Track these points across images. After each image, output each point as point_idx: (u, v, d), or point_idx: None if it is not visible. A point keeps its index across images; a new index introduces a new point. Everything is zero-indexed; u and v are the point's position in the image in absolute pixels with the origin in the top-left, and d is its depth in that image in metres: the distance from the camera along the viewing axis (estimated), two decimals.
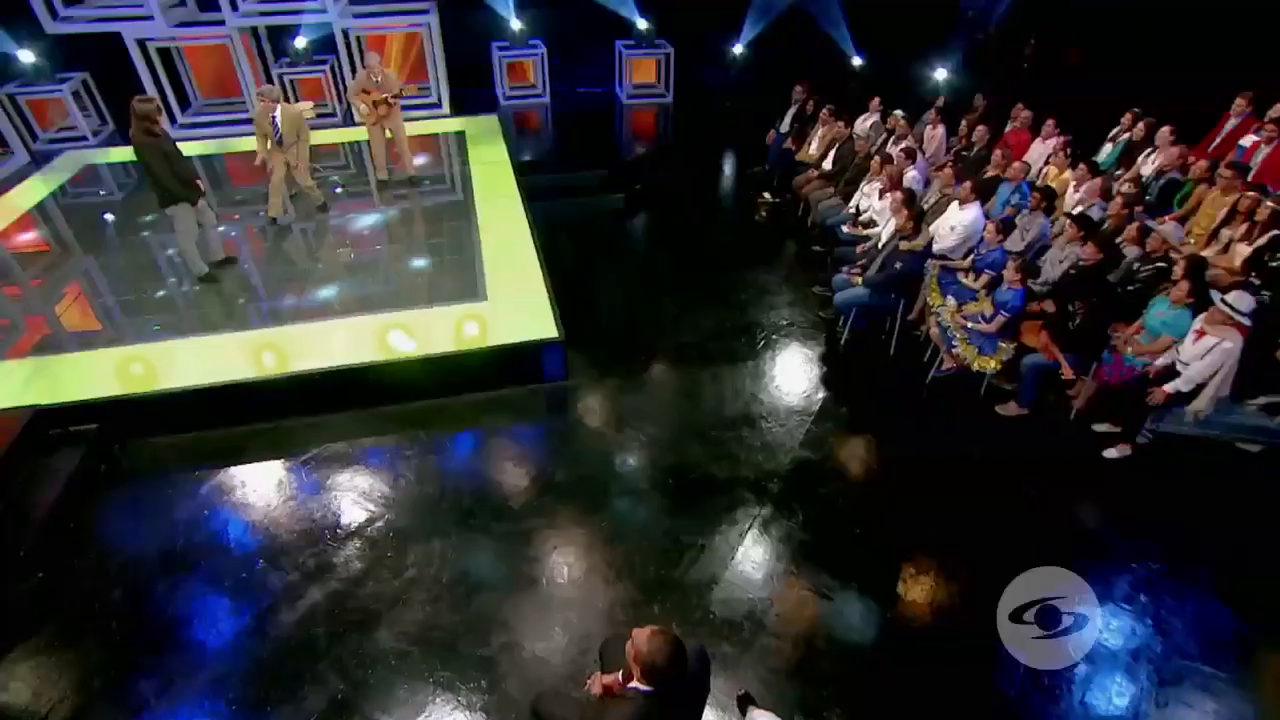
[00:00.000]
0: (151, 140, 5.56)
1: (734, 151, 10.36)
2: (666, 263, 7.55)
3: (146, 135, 5.53)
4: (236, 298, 6.17)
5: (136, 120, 5.50)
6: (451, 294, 6.10)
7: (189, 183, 5.86)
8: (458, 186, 8.29)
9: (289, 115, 6.71)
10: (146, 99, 5.62)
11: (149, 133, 5.54)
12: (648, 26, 10.85)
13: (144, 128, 5.51)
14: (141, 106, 5.51)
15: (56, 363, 5.38)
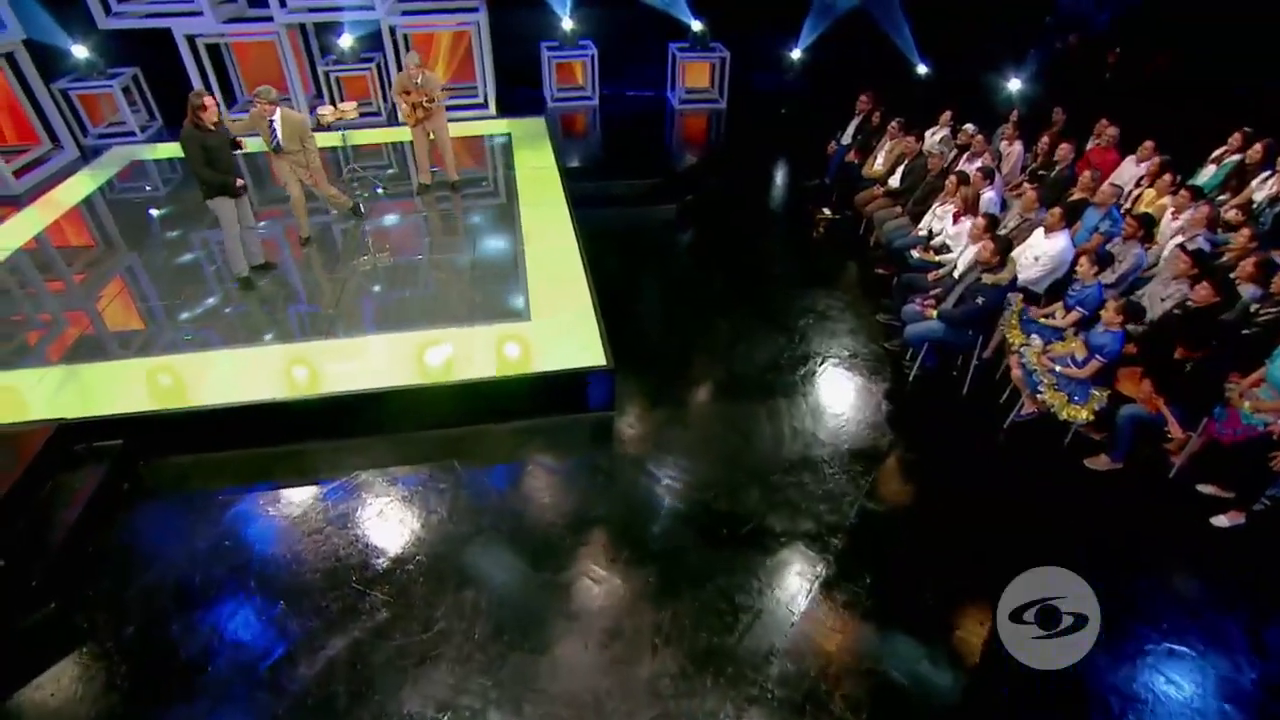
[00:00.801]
0: (194, 132, 5.50)
1: (790, 162, 9.88)
2: (719, 281, 7.11)
3: (193, 126, 5.50)
4: (269, 307, 5.93)
5: (188, 110, 5.49)
6: (493, 311, 5.77)
7: (225, 177, 5.69)
8: (502, 192, 7.98)
9: (290, 121, 6.29)
10: (199, 92, 5.54)
11: (195, 124, 5.49)
12: (702, 29, 10.42)
13: (192, 119, 5.49)
14: (193, 99, 5.48)
15: (86, 371, 5.19)
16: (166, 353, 5.38)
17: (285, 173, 6.51)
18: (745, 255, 7.65)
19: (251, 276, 6.16)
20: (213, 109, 5.50)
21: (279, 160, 6.45)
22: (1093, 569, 3.46)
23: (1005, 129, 7.87)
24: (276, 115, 6.23)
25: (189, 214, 7.55)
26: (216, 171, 5.64)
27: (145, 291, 6.25)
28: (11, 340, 5.62)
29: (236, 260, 6.03)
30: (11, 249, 6.93)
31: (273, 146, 6.34)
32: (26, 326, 5.80)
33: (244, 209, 5.98)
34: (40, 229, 7.36)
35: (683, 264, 7.47)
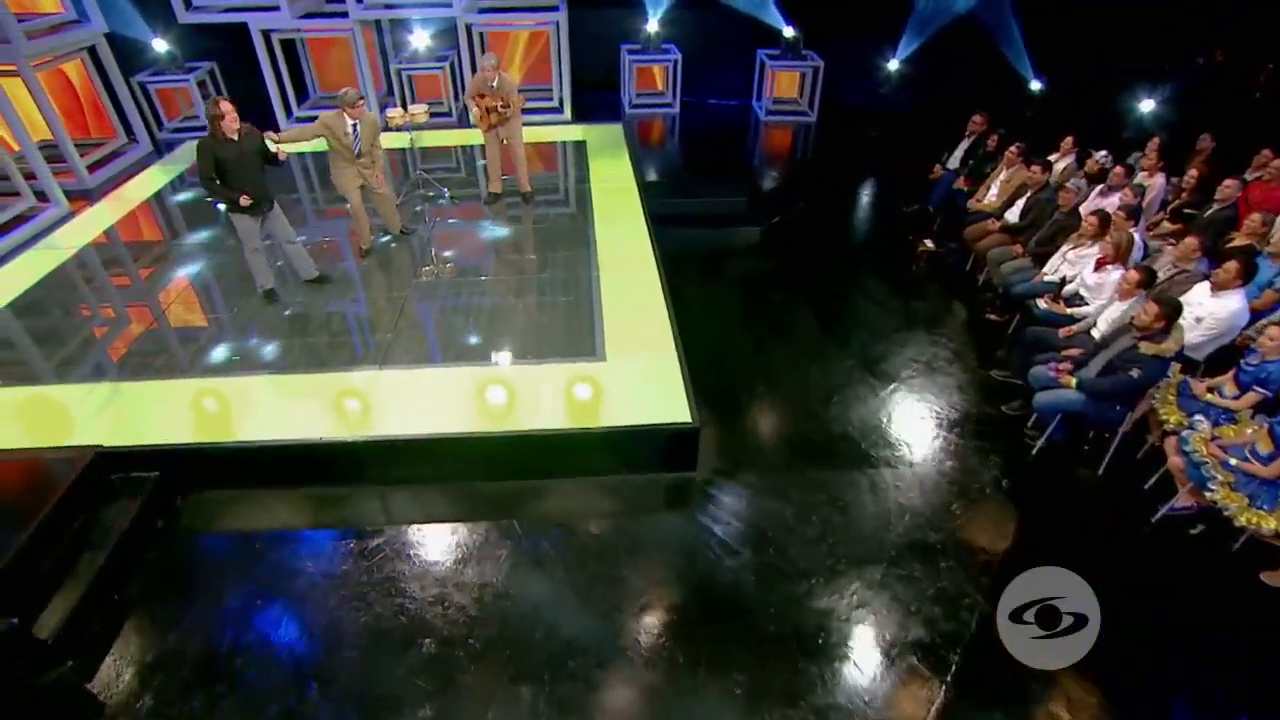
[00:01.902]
0: (208, 142, 5.07)
1: (886, 184, 9.06)
2: (810, 318, 6.41)
3: (209, 136, 5.06)
4: (321, 329, 5.53)
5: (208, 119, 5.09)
6: (563, 347, 5.21)
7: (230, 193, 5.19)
8: (576, 207, 7.44)
9: (369, 124, 5.96)
10: (216, 100, 5.09)
11: (211, 134, 5.05)
12: (795, 36, 9.69)
13: (210, 129, 5.06)
14: (210, 108, 5.04)
15: (130, 390, 4.87)
16: (213, 374, 5.01)
17: (349, 179, 6.10)
18: (838, 288, 6.92)
19: (275, 290, 5.83)
20: (231, 118, 5.02)
21: (347, 166, 6.04)
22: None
23: (1143, 158, 6.92)
24: (358, 119, 5.85)
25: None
26: (225, 186, 5.16)
27: (199, 302, 5.95)
28: (65, 346, 5.38)
29: (259, 273, 5.72)
30: (77, 247, 6.76)
31: (355, 152, 5.96)
32: (80, 334, 5.55)
33: (280, 224, 5.59)
34: (107, 226, 7.19)
35: (770, 297, 6.78)
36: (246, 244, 5.53)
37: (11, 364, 5.28)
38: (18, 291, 6.04)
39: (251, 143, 5.16)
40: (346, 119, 5.83)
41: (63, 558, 3.94)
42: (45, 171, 7.28)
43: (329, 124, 5.82)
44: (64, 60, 8.27)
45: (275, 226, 5.57)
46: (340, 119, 5.82)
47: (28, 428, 4.60)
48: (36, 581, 3.75)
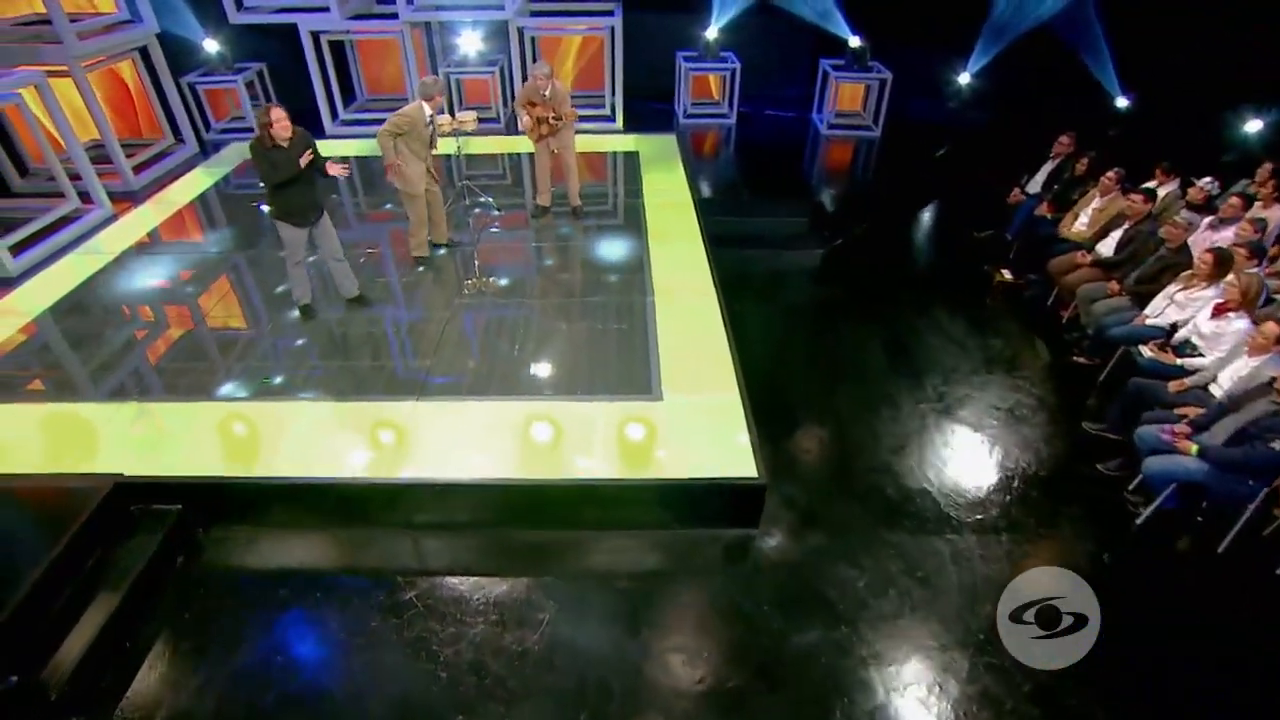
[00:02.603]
0: (258, 146, 4.80)
1: (955, 207, 8.48)
2: (879, 355, 5.90)
3: (257, 141, 4.80)
4: (359, 350, 5.22)
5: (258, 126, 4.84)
6: (615, 382, 4.80)
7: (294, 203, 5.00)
8: (628, 223, 7.03)
9: (439, 119, 5.79)
10: (265, 109, 4.77)
11: (260, 140, 4.78)
12: (861, 46, 9.16)
13: (261, 133, 4.78)
14: (260, 115, 4.77)
15: (158, 411, 4.61)
16: (243, 397, 4.73)
17: (419, 175, 5.84)
18: (907, 321, 6.39)
19: (312, 306, 5.53)
20: (282, 125, 4.71)
21: (419, 162, 5.77)
22: None
23: (1257, 186, 6.24)
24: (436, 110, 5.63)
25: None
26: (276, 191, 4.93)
27: (234, 316, 5.70)
28: (94, 360, 5.16)
29: (298, 286, 5.42)
30: (116, 253, 6.58)
31: (430, 146, 5.76)
32: (111, 347, 5.32)
33: (328, 238, 5.28)
34: (147, 230, 7.02)
35: (834, 328, 6.29)
36: (290, 255, 5.25)
37: (39, 375, 5.09)
38: (55, 298, 5.86)
39: (302, 150, 4.87)
40: (426, 110, 5.56)
41: (74, 598, 3.67)
42: (90, 173, 7.15)
43: (412, 116, 5.56)
44: (115, 60, 8.18)
45: (323, 240, 5.28)
46: (421, 110, 5.56)
47: (47, 448, 4.36)
48: (44, 630, 3.48)
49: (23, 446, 4.35)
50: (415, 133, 5.62)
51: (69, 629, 3.56)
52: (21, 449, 4.33)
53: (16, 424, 4.55)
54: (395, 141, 5.60)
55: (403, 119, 5.56)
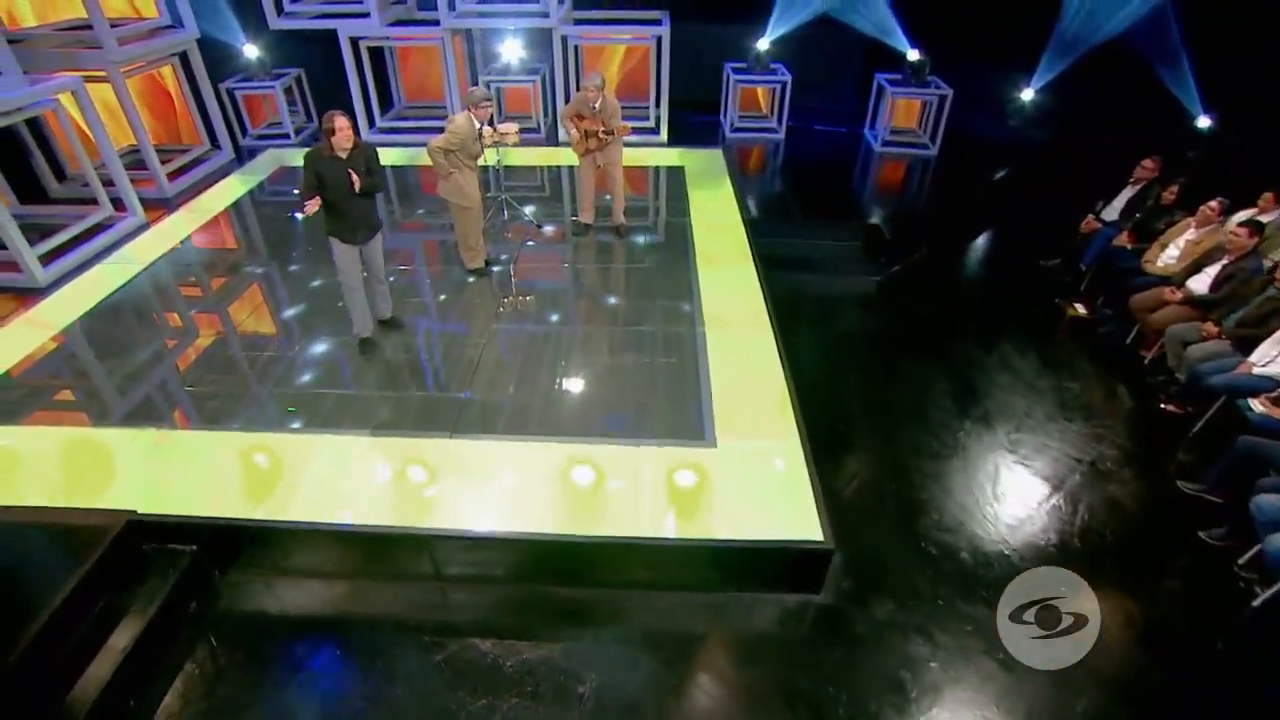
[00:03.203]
0: (314, 152, 4.52)
1: (1020, 232, 7.97)
2: (945, 397, 5.44)
3: (316, 147, 4.54)
4: (386, 379, 4.90)
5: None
6: (664, 425, 4.42)
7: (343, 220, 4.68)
8: (675, 244, 6.66)
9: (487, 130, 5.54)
10: (330, 115, 4.47)
11: (320, 148, 4.51)
12: (921, 60, 8.70)
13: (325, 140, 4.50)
14: (325, 121, 4.46)
15: (177, 440, 4.34)
16: (267, 426, 4.44)
17: (473, 186, 5.59)
18: (973, 358, 5.92)
19: (375, 338, 5.19)
20: (345, 134, 4.43)
21: (472, 175, 5.55)
22: None
23: None
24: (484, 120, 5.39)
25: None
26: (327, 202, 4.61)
27: (262, 336, 5.42)
28: (116, 378, 4.94)
29: (359, 317, 5.04)
30: (145, 263, 6.39)
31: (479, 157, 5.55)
32: (134, 365, 5.08)
33: (377, 257, 4.98)
34: (178, 240, 6.83)
35: (895, 364, 5.85)
36: (345, 278, 4.86)
37: (58, 393, 4.88)
38: (81, 310, 5.67)
39: (360, 163, 4.59)
40: (475, 120, 5.31)
41: (81, 645, 3.40)
42: (124, 180, 6.99)
43: (462, 128, 5.32)
44: (155, 66, 8.05)
45: (370, 259, 4.96)
46: (470, 121, 5.31)
47: (59, 476, 4.11)
48: (49, 679, 3.21)
49: (34, 474, 4.12)
50: (466, 148, 5.40)
51: (75, 679, 3.29)
52: (33, 476, 4.10)
53: (30, 447, 4.32)
54: (448, 156, 5.40)
55: (454, 135, 5.33)
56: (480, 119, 5.37)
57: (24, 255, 5.87)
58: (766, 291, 5.82)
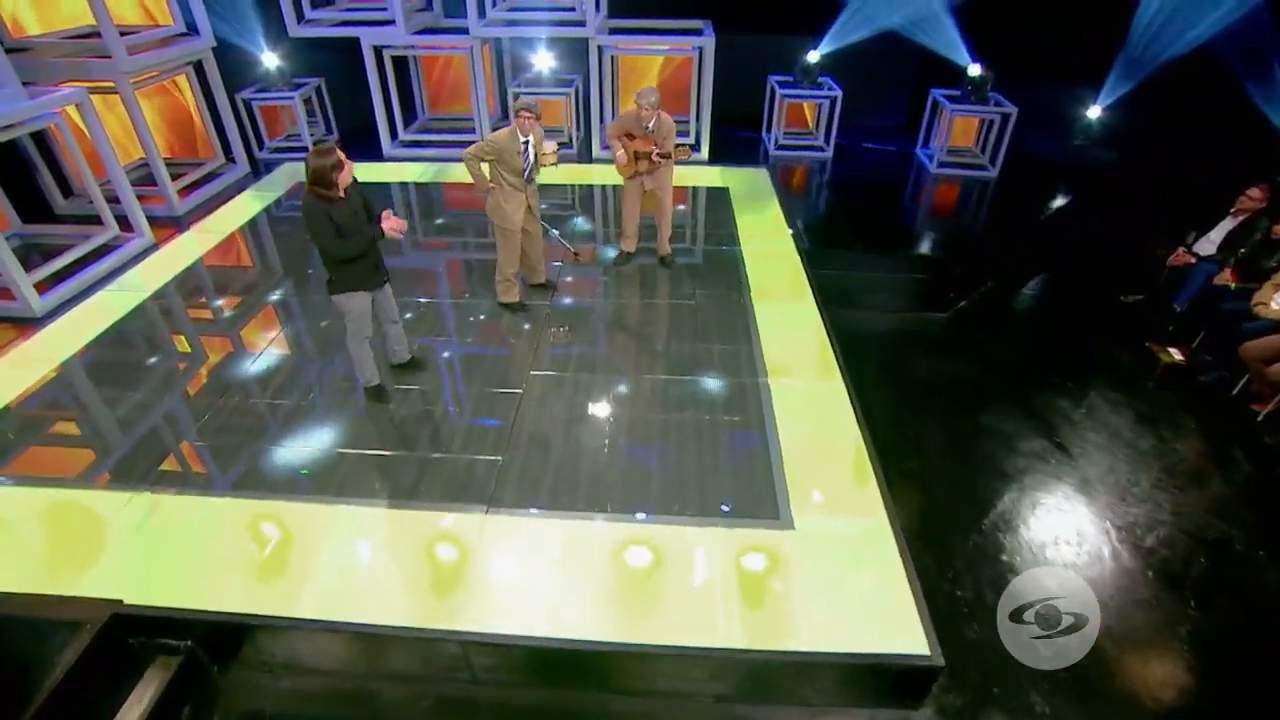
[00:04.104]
0: (317, 203, 3.74)
1: (1094, 264, 7.31)
2: (1036, 456, 4.80)
3: (315, 196, 3.74)
4: (411, 436, 4.34)
5: (309, 175, 3.71)
6: (731, 500, 3.84)
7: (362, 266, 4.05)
8: (726, 277, 6.05)
9: (540, 137, 4.98)
10: (324, 149, 3.72)
11: (319, 193, 3.73)
12: (983, 75, 8.09)
13: (316, 186, 3.72)
14: (317, 160, 3.66)
15: (172, 506, 3.81)
16: (276, 490, 3.90)
17: (516, 210, 5.07)
18: (1060, 410, 5.28)
19: (385, 385, 4.63)
20: (349, 171, 3.81)
21: (516, 195, 5.03)
22: None
23: None
24: (531, 135, 4.84)
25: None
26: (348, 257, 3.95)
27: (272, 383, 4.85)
28: (109, 429, 4.42)
29: (364, 368, 4.46)
30: (151, 290, 5.90)
31: (526, 176, 4.98)
32: (129, 411, 4.56)
33: (388, 299, 4.40)
34: (187, 264, 6.34)
35: (977, 418, 5.20)
36: (355, 330, 4.24)
37: (44, 444, 4.36)
38: (76, 346, 5.16)
39: (359, 200, 4.00)
40: (519, 136, 4.79)
41: None
42: (131, 199, 6.51)
43: (501, 144, 4.81)
44: (168, 76, 7.60)
45: (382, 302, 4.37)
46: (514, 138, 4.79)
47: (38, 552, 3.59)
48: None
49: (7, 545, 3.60)
50: (506, 161, 4.87)
51: None
52: (5, 549, 3.58)
53: (5, 510, 3.81)
54: (490, 169, 4.95)
55: (489, 144, 4.87)
56: (522, 130, 4.84)
57: (18, 282, 5.39)
58: (831, 333, 5.23)
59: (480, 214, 7.42)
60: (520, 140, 4.85)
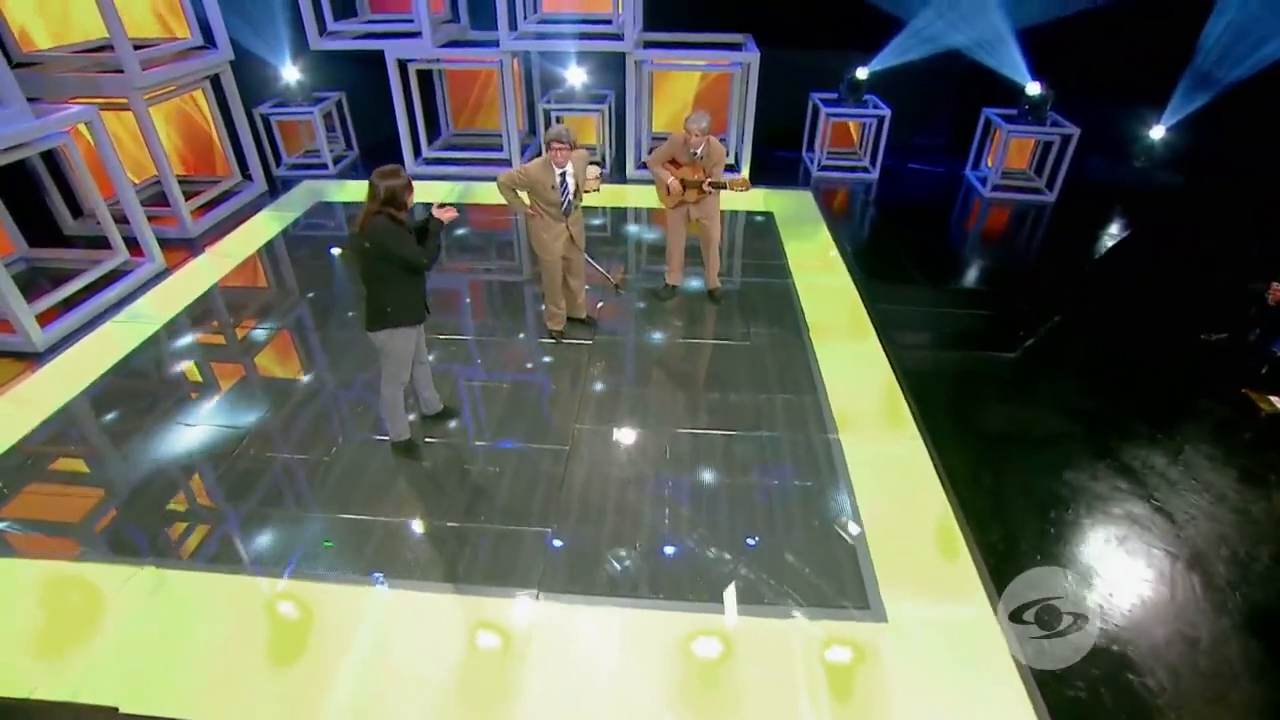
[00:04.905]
0: (394, 226, 3.43)
1: (1167, 298, 6.81)
2: (1139, 525, 4.30)
3: (389, 218, 3.43)
4: (446, 503, 3.86)
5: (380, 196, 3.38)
6: (811, 585, 3.35)
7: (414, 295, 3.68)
8: (780, 314, 5.57)
9: (581, 161, 4.60)
10: (391, 170, 3.42)
11: (393, 216, 3.43)
12: (1043, 94, 7.62)
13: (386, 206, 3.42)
14: (384, 181, 3.37)
15: (179, 582, 3.37)
16: (296, 565, 3.46)
17: (553, 241, 4.70)
18: (1154, 466, 4.77)
19: (415, 441, 4.17)
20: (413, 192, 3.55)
21: (554, 225, 4.67)
22: None
23: None
24: (569, 166, 4.46)
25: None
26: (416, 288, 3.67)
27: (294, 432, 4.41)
28: (111, 485, 3.99)
29: (396, 419, 4.01)
30: (161, 321, 5.50)
31: (563, 208, 4.59)
32: (135, 464, 4.13)
33: (420, 338, 3.96)
34: (204, 289, 5.94)
35: (1063, 474, 4.71)
36: (394, 373, 3.79)
37: (36, 502, 3.91)
38: (79, 385, 4.74)
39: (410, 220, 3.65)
40: (554, 168, 4.41)
41: None
42: (141, 222, 6.10)
43: (533, 177, 4.47)
44: (183, 91, 7.23)
45: (418, 339, 3.95)
46: (547, 169, 4.42)
47: (24, 636, 3.14)
48: None
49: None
50: (540, 193, 4.53)
51: None
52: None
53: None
54: (527, 197, 4.63)
55: (520, 174, 4.55)
56: (556, 163, 4.42)
57: (18, 314, 4.98)
58: (901, 378, 4.76)
59: (504, 233, 7.06)
60: (555, 172, 4.46)
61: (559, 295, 5.04)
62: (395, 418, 3.99)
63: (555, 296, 5.03)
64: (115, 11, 5.93)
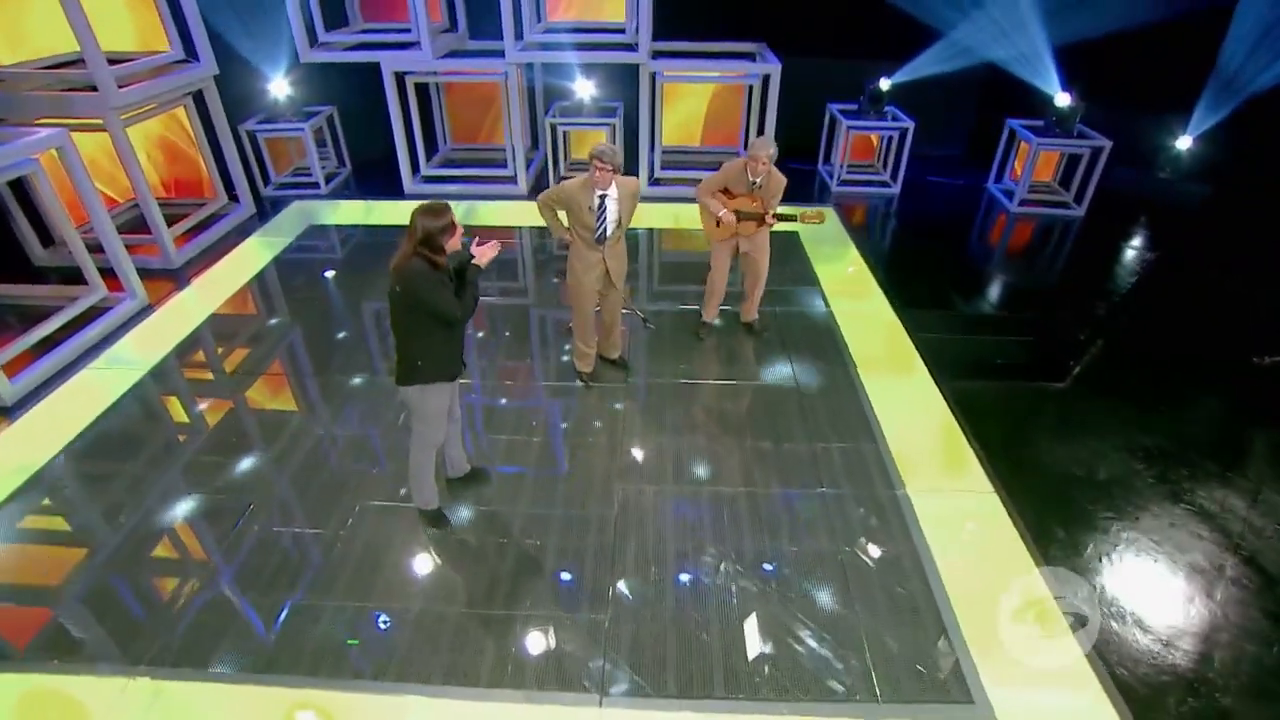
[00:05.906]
0: (429, 267, 2.99)
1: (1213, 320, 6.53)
2: (1225, 581, 3.98)
3: (424, 260, 2.98)
4: (485, 587, 3.41)
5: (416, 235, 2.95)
6: (895, 671, 2.96)
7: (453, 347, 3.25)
8: (824, 348, 5.17)
9: (629, 193, 4.14)
10: (437, 207, 2.98)
11: (427, 259, 2.98)
12: (1074, 105, 7.33)
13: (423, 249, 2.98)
14: (428, 220, 2.93)
15: (179, 696, 2.91)
16: (314, 668, 3.00)
17: (584, 272, 4.29)
18: (1232, 508, 4.45)
19: (444, 510, 3.73)
20: (459, 238, 3.09)
21: (588, 253, 4.24)
22: None
23: None
24: (612, 188, 4.02)
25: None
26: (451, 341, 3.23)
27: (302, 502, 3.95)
28: (93, 580, 3.49)
29: (424, 487, 3.57)
30: (144, 368, 5.00)
31: (597, 235, 4.16)
32: (122, 553, 3.64)
33: (455, 393, 3.54)
34: (190, 329, 5.45)
35: (1140, 520, 4.37)
36: (427, 434, 3.38)
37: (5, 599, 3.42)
38: (52, 449, 4.21)
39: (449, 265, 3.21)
40: (594, 190, 3.99)
41: None
42: (121, 255, 5.58)
43: (569, 195, 4.07)
44: (164, 109, 6.71)
45: (453, 394, 3.54)
46: (586, 190, 4.01)
47: None
48: None
49: None
50: (575, 215, 4.12)
51: None
52: None
53: None
54: (564, 219, 4.26)
55: (557, 191, 4.16)
56: (598, 184, 3.99)
57: None
58: (960, 417, 4.40)
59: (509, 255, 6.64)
60: (595, 194, 4.04)
61: (590, 333, 4.62)
62: (422, 485, 3.55)
63: (585, 335, 4.62)
64: (87, 23, 5.41)
